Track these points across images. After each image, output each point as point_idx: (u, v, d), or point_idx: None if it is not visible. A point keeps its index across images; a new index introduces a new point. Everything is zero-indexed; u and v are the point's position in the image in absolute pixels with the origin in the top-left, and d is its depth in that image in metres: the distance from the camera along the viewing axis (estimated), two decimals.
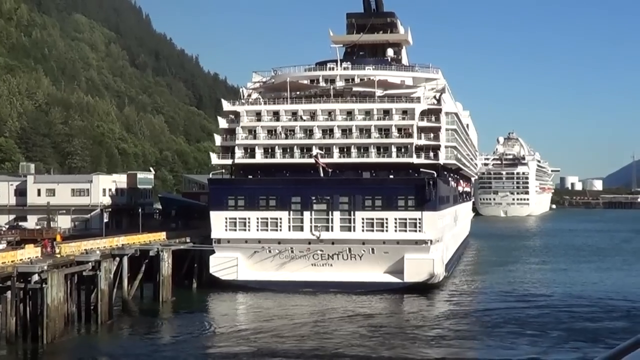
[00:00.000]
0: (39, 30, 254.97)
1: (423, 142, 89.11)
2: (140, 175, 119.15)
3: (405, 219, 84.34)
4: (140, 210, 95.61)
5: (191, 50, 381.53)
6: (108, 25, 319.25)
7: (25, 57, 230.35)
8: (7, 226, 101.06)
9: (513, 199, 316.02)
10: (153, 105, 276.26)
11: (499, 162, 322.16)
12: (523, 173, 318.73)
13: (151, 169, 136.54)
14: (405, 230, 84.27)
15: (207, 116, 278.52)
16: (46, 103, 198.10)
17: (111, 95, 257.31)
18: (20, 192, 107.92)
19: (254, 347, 57.27)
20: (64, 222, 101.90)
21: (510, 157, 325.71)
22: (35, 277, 58.16)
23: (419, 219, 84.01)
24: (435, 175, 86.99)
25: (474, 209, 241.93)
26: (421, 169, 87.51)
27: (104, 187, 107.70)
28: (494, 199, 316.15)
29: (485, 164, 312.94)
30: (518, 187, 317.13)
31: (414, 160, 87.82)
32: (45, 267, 58.86)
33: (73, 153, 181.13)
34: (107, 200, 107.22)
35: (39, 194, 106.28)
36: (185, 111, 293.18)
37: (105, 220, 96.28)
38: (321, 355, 53.99)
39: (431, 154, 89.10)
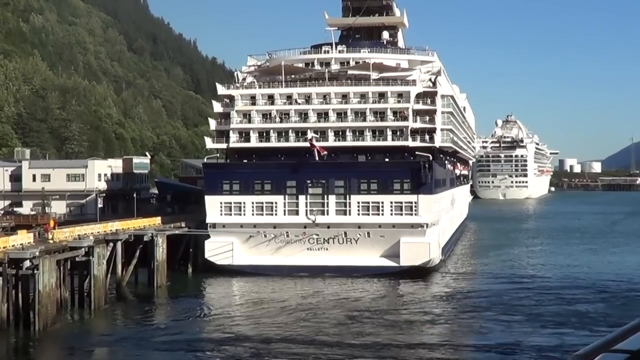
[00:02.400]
0: (36, 15, 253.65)
1: (419, 125, 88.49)
2: (136, 160, 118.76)
3: (401, 203, 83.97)
4: (135, 195, 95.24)
5: (189, 35, 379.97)
6: (105, 10, 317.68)
7: (22, 42, 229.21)
8: (1, 212, 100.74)
9: (512, 182, 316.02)
10: (151, 89, 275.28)
11: (497, 144, 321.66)
12: (521, 156, 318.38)
13: (147, 153, 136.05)
14: (401, 214, 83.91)
15: (205, 100, 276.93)
16: (43, 88, 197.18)
17: (109, 80, 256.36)
18: (16, 178, 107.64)
19: (250, 332, 57.13)
20: (59, 208, 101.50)
21: (509, 139, 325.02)
22: (27, 263, 57.89)
23: (415, 203, 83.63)
24: (431, 159, 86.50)
25: (473, 192, 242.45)
26: (417, 152, 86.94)
27: (99, 172, 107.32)
28: (493, 182, 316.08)
29: (484, 147, 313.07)
30: (516, 170, 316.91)
31: (410, 143, 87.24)
32: (37, 253, 58.52)
33: (70, 138, 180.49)
34: (102, 186, 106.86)
35: (34, 180, 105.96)
36: (183, 95, 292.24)
37: (100, 205, 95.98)
38: (316, 340, 53.78)
39: (427, 137, 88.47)
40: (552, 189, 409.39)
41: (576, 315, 61.42)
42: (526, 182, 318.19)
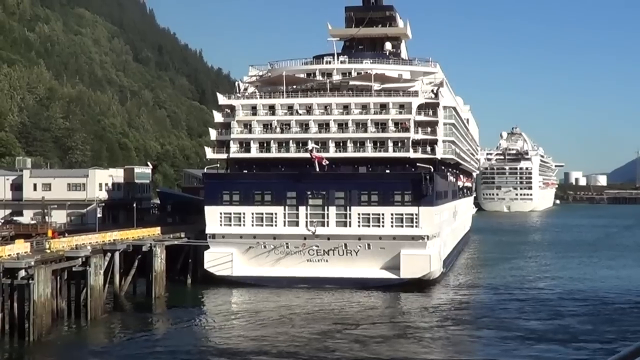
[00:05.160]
0: (42, 24, 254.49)
1: (420, 136, 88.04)
2: (138, 169, 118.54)
3: (402, 214, 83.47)
4: (135, 204, 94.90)
5: (195, 45, 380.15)
6: (111, 20, 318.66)
7: (28, 51, 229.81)
8: (2, 221, 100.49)
9: (516, 194, 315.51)
10: (155, 99, 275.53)
11: (502, 157, 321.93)
12: (526, 168, 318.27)
13: (149, 163, 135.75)
14: (402, 226, 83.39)
15: (210, 111, 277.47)
16: (47, 97, 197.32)
17: (114, 90, 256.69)
18: (16, 187, 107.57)
19: (249, 344, 56.67)
20: (59, 217, 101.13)
21: (514, 152, 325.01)
22: (22, 273, 57.54)
23: (416, 214, 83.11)
24: (432, 170, 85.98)
25: (477, 204, 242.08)
26: (418, 164, 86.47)
27: (100, 181, 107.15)
28: (497, 194, 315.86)
29: (489, 159, 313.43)
30: (521, 182, 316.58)
31: (411, 154, 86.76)
32: (32, 263, 58.15)
33: (74, 148, 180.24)
34: (103, 195, 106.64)
35: (35, 189, 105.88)
36: (188, 106, 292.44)
37: (100, 215, 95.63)
38: (316, 352, 53.25)
39: (428, 148, 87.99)
40: (557, 201, 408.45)
41: (576, 332, 60.74)
42: (531, 194, 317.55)
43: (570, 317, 66.74)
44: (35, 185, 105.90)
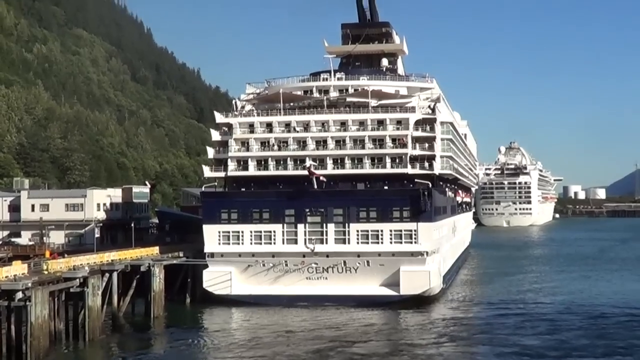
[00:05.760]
0: (39, 45, 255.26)
1: (418, 152, 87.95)
2: (136, 189, 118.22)
3: (401, 231, 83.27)
4: (133, 224, 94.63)
5: (193, 64, 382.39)
6: (109, 40, 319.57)
7: (26, 72, 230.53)
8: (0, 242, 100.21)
9: (515, 209, 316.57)
10: (153, 118, 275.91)
11: (500, 171, 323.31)
12: (525, 183, 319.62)
13: (147, 182, 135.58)
14: (401, 242, 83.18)
15: (208, 129, 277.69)
16: (45, 118, 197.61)
17: (112, 110, 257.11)
18: (14, 208, 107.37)
19: None
20: (57, 238, 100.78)
21: (512, 166, 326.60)
22: (19, 295, 57.17)
23: (414, 230, 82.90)
24: (431, 186, 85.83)
25: (476, 219, 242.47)
26: (416, 180, 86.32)
27: (98, 201, 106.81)
28: (497, 209, 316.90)
29: (487, 174, 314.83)
30: (520, 197, 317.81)
31: (409, 170, 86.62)
32: (30, 284, 57.82)
33: (72, 168, 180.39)
34: (101, 215, 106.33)
35: (32, 209, 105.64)
36: (186, 124, 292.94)
37: (98, 235, 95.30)
38: None
39: (426, 164, 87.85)
40: (557, 215, 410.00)
41: (572, 347, 60.76)
42: (530, 209, 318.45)
43: (567, 332, 67.03)
44: (33, 206, 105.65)
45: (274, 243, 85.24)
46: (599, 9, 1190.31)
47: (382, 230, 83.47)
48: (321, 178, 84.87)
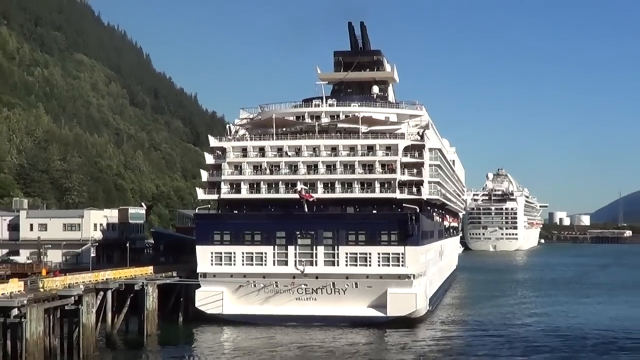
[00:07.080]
0: (41, 69, 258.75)
1: (406, 177, 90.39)
2: (132, 210, 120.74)
3: (388, 254, 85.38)
4: (128, 244, 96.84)
5: (190, 89, 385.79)
6: (109, 65, 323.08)
7: (27, 95, 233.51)
8: None
9: (502, 234, 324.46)
10: (151, 142, 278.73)
11: (488, 197, 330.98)
12: (512, 208, 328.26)
13: (143, 204, 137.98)
14: (388, 265, 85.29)
15: (204, 153, 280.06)
16: (45, 140, 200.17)
17: (110, 133, 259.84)
18: (13, 227, 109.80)
19: None
20: (55, 257, 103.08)
21: (499, 192, 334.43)
22: (15, 312, 58.66)
23: (402, 254, 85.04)
24: (418, 210, 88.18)
25: (464, 244, 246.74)
26: (404, 204, 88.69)
27: (95, 222, 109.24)
28: (483, 234, 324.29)
29: (475, 200, 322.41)
30: (507, 222, 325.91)
31: (397, 195, 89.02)
32: (25, 302, 59.43)
33: (71, 189, 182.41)
34: (98, 235, 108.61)
35: (31, 229, 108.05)
36: (183, 148, 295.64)
37: (94, 254, 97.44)
38: None
39: (414, 189, 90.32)
40: (542, 241, 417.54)
41: None
42: (516, 234, 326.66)
43: (543, 354, 69.03)
44: (31, 225, 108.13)
45: (265, 264, 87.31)
46: (583, 37, 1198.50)
47: (370, 253, 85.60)
48: (311, 199, 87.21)
